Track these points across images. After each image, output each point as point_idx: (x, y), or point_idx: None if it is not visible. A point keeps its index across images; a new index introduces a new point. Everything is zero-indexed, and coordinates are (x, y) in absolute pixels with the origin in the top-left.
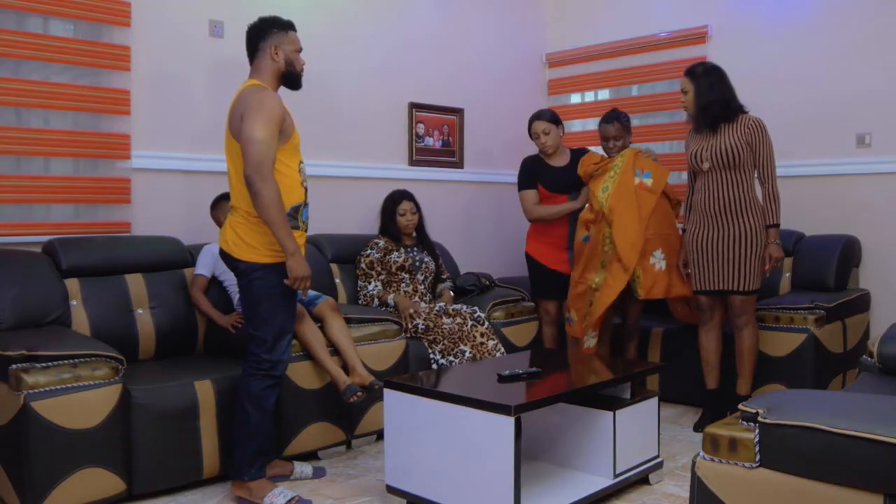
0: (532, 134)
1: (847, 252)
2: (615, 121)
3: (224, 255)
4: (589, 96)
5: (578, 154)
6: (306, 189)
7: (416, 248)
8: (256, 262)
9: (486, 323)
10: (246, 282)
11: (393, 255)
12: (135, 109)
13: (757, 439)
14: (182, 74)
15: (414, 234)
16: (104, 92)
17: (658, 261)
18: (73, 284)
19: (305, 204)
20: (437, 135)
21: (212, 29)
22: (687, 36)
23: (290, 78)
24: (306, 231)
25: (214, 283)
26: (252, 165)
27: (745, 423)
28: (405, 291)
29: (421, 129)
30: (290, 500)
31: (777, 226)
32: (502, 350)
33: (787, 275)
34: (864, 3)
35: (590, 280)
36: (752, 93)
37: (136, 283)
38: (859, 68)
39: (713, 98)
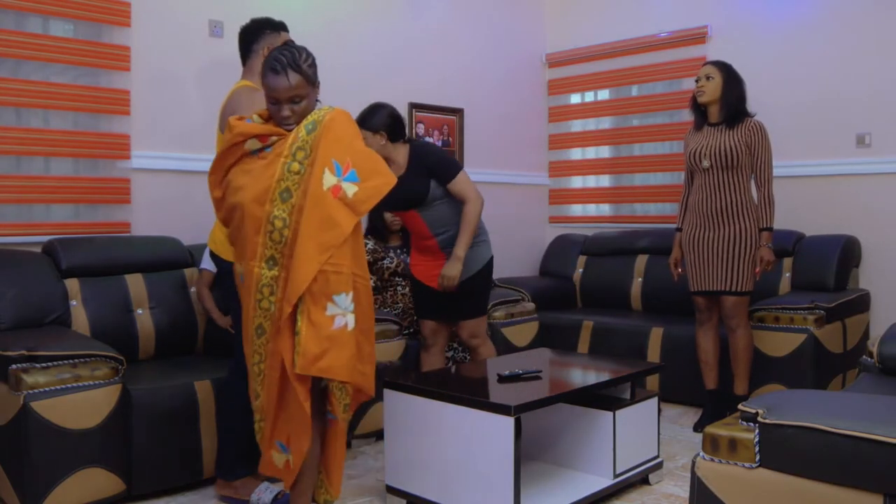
0: None
1: (847, 252)
2: (290, 69)
3: (213, 255)
4: (589, 96)
5: (418, 150)
6: None
7: (402, 250)
8: None
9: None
10: (232, 282)
11: (385, 261)
12: (134, 109)
13: (757, 439)
14: (182, 74)
15: (400, 234)
16: (104, 92)
17: (342, 312)
18: (73, 284)
19: None
20: (437, 135)
21: (212, 29)
22: (687, 36)
23: None
24: None
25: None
26: None
27: (744, 423)
28: (402, 294)
29: (421, 129)
30: (276, 495)
31: (770, 229)
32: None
33: (787, 275)
34: (863, 3)
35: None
36: (752, 93)
37: (136, 283)
38: (859, 68)
39: (740, 93)
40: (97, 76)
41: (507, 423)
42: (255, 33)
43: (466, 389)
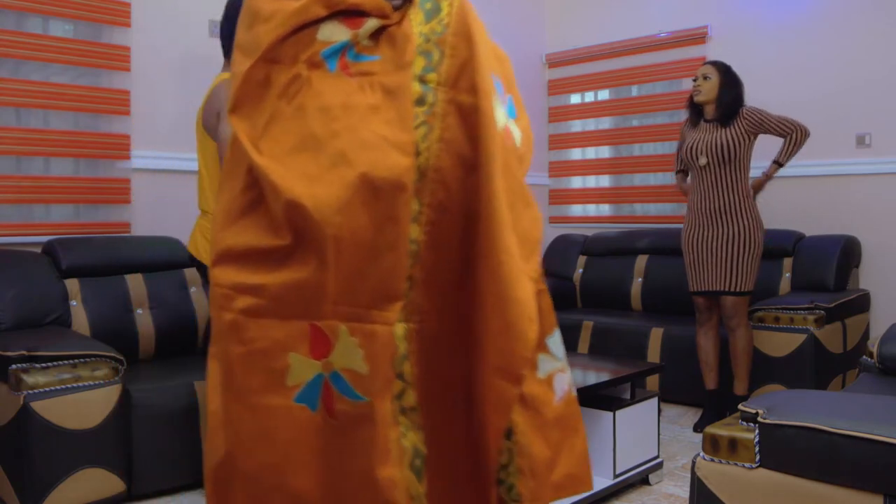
0: None
1: (847, 252)
2: None
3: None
4: (589, 96)
5: None
6: None
7: None
8: None
9: None
10: None
11: None
12: (135, 109)
13: (757, 439)
14: (182, 74)
15: None
16: (104, 92)
17: (560, 366)
18: (73, 284)
19: None
20: None
21: (212, 29)
22: (687, 36)
23: None
24: None
25: None
26: None
27: (744, 423)
28: None
29: None
30: None
31: (780, 163)
32: None
33: (787, 275)
34: (863, 3)
35: None
36: (752, 93)
37: (135, 283)
38: (859, 68)
39: (737, 94)
40: (97, 76)
41: None
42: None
43: None
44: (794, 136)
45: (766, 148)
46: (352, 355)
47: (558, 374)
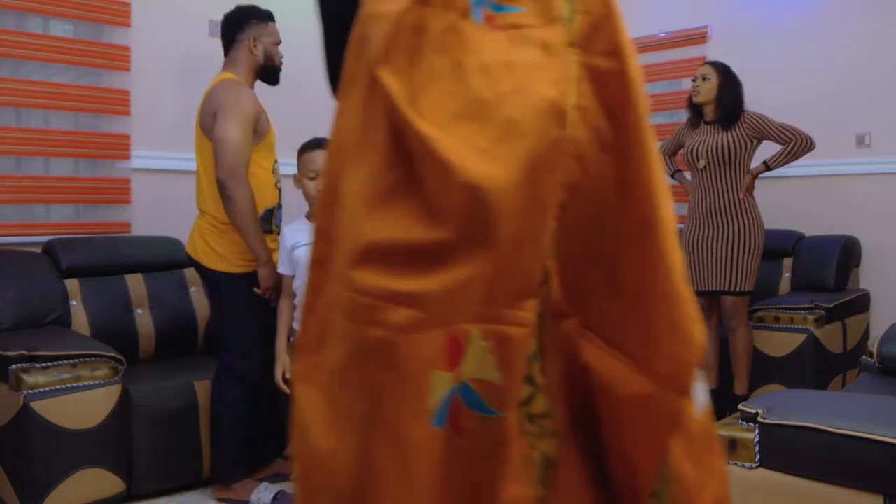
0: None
1: (847, 252)
2: None
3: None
4: None
5: None
6: (280, 190)
7: None
8: (226, 273)
9: None
10: (215, 291)
11: None
12: (135, 109)
13: (757, 439)
14: (182, 74)
15: None
16: (104, 92)
17: (702, 384)
18: (72, 284)
19: (279, 206)
20: None
21: (212, 29)
22: (687, 36)
23: (268, 72)
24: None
25: None
26: (226, 168)
27: (744, 423)
28: None
29: None
30: (275, 494)
31: (768, 165)
32: None
33: (787, 275)
34: (863, 3)
35: None
36: (752, 93)
37: (135, 283)
38: (859, 68)
39: (736, 95)
40: (97, 76)
41: None
42: (241, 22)
43: None
44: (793, 144)
45: (769, 151)
46: (483, 362)
47: (695, 384)
